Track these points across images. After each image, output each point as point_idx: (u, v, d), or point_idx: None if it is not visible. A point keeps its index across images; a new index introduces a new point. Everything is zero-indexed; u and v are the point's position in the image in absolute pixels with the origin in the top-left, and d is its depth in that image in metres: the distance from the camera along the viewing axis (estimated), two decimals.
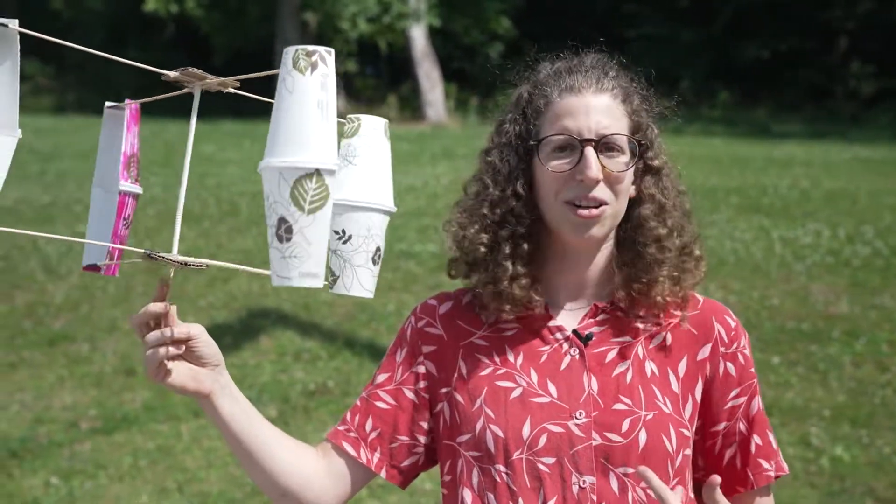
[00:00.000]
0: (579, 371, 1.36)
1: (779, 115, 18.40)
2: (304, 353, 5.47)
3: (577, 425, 1.32)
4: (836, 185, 10.24)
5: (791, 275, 6.73)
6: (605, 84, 1.36)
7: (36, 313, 6.15)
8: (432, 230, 8.08)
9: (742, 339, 1.42)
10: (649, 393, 1.35)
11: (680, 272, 1.38)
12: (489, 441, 1.34)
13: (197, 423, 4.59)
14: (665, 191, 1.40)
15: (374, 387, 1.46)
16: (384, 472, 1.43)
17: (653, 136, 1.40)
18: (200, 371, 1.26)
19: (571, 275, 1.41)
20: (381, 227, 1.23)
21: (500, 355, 1.40)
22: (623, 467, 1.31)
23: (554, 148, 1.35)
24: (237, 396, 1.32)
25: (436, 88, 18.53)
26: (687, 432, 1.36)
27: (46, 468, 4.19)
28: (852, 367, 5.12)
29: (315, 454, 1.43)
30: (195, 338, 1.24)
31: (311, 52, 1.05)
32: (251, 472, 1.38)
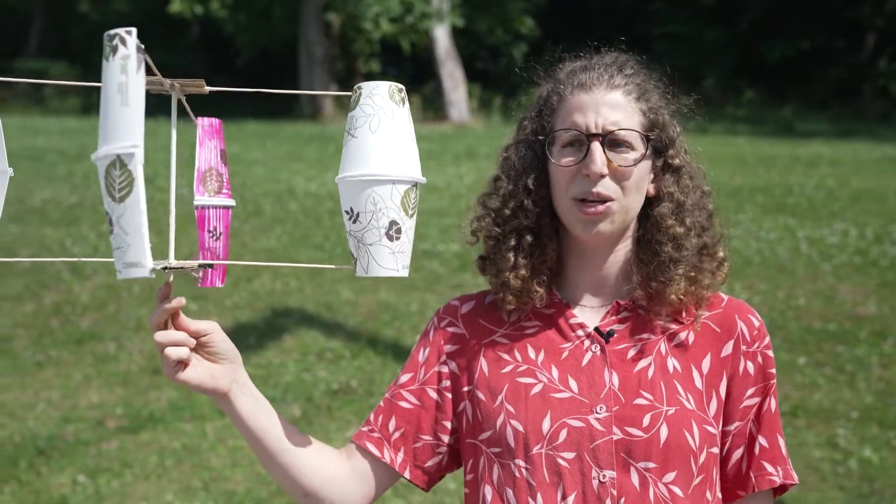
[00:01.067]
0: (600, 367, 1.36)
1: (805, 113, 18.23)
2: (328, 353, 5.49)
3: (598, 420, 1.32)
4: (864, 184, 10.12)
5: (817, 275, 6.67)
6: (617, 81, 1.37)
7: (63, 312, 6.22)
8: (455, 230, 8.08)
9: (765, 339, 1.41)
10: (671, 388, 1.34)
11: (697, 272, 1.37)
12: (509, 436, 1.34)
13: (222, 423, 4.61)
14: (685, 189, 1.39)
15: (397, 387, 1.47)
16: (408, 473, 1.43)
17: (674, 135, 1.40)
18: (217, 368, 1.26)
19: (590, 272, 1.42)
20: (392, 200, 1.17)
21: (521, 352, 1.41)
22: (644, 462, 1.31)
23: (564, 144, 1.36)
24: (256, 395, 1.32)
25: (459, 88, 18.53)
26: (712, 429, 1.35)
27: (73, 466, 4.23)
28: (880, 368, 5.06)
29: (339, 455, 1.43)
30: (209, 334, 1.24)
31: (112, 37, 1.02)
32: (273, 472, 1.38)
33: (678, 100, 1.45)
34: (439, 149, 13.33)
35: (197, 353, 1.24)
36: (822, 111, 18.46)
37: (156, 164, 12.10)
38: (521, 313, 1.43)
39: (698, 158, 1.45)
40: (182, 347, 1.21)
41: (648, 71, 1.42)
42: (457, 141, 14.55)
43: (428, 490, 1.48)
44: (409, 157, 1.19)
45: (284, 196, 9.83)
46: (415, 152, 1.20)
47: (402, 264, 1.20)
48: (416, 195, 1.20)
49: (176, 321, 1.22)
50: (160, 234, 1.43)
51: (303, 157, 12.90)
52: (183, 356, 1.21)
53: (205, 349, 1.25)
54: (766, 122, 17.37)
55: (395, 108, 1.18)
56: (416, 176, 1.19)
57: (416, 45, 19.27)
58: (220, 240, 1.30)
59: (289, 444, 1.35)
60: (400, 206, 1.18)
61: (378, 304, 6.27)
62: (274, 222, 8.59)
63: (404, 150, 1.18)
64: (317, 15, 19.49)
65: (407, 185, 1.18)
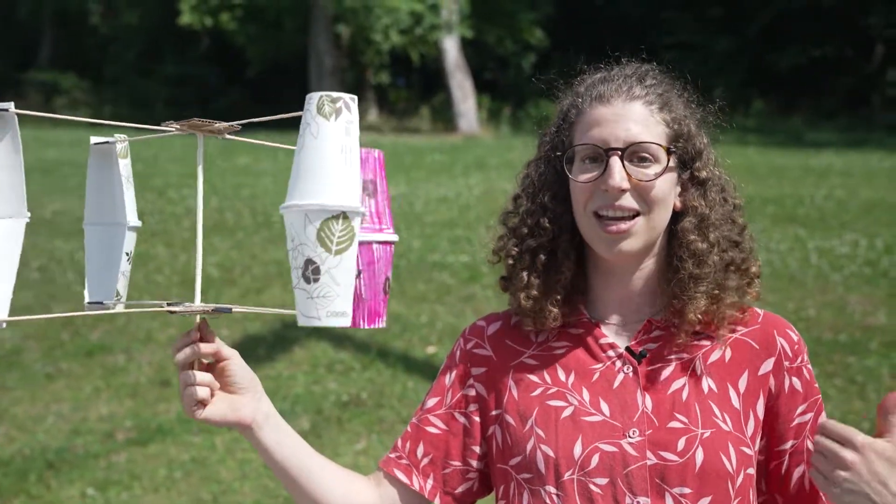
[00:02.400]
0: (633, 389, 1.32)
1: (815, 123, 18.18)
2: (338, 365, 5.49)
3: (631, 444, 1.28)
4: (874, 194, 10.08)
5: (828, 286, 6.64)
6: (637, 92, 1.32)
7: (73, 324, 6.24)
8: (465, 241, 8.08)
9: (805, 353, 1.37)
10: (706, 410, 1.30)
11: (721, 290, 1.32)
12: (539, 462, 1.30)
13: (231, 435, 4.62)
14: (711, 203, 1.34)
15: (423, 412, 1.42)
16: (438, 500, 1.39)
17: (700, 146, 1.35)
18: (237, 399, 1.24)
19: (617, 290, 1.37)
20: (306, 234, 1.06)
21: (550, 374, 1.36)
22: (679, 488, 1.26)
23: (583, 158, 1.32)
24: (280, 425, 1.30)
25: (468, 99, 18.55)
26: (748, 451, 1.30)
27: (83, 479, 4.24)
28: (890, 378, 5.03)
29: (367, 483, 1.39)
30: (227, 360, 1.23)
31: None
32: (299, 501, 1.35)
33: (705, 110, 1.40)
34: (449, 160, 13.34)
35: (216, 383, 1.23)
36: (831, 121, 18.41)
37: (168, 176, 12.16)
38: (548, 333, 1.39)
39: (728, 170, 1.40)
40: (204, 388, 1.20)
41: (672, 80, 1.38)
42: (466, 152, 14.56)
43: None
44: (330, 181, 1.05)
45: None
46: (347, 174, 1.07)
47: (327, 311, 1.08)
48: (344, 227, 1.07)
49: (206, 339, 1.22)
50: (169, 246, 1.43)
51: None
52: (205, 396, 1.20)
53: (223, 377, 1.24)
54: (776, 132, 17.32)
55: (321, 124, 1.06)
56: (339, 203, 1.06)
57: (426, 56, 19.33)
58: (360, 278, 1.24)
59: (316, 474, 1.32)
60: (316, 242, 1.06)
61: (388, 316, 6.26)
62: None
63: (326, 172, 1.05)
64: (327, 26, 19.57)
65: (325, 215, 1.05)
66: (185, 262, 7.75)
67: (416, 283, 6.94)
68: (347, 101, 1.07)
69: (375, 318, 1.25)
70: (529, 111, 18.45)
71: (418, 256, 7.74)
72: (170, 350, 5.96)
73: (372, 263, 1.24)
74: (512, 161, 12.50)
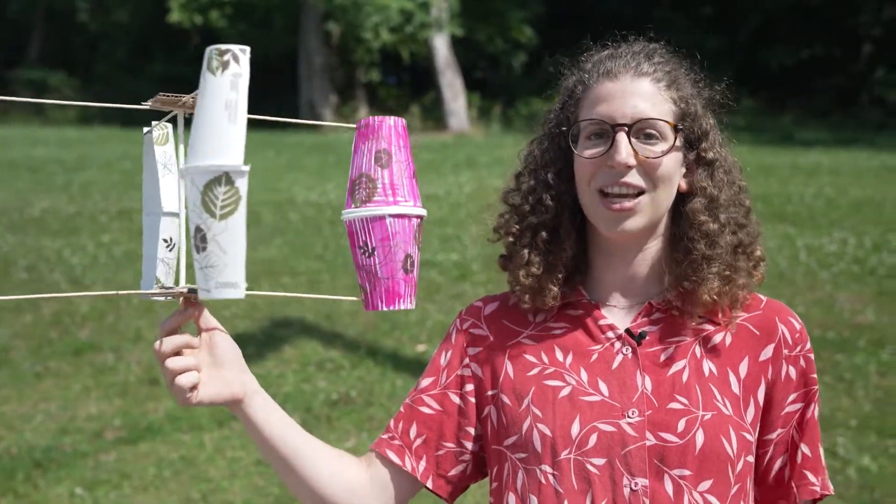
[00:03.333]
0: (632, 370, 1.29)
1: (804, 122, 18.25)
2: (327, 363, 5.48)
3: (630, 424, 1.25)
4: (863, 193, 10.13)
5: (816, 283, 6.67)
6: (646, 68, 1.30)
7: (62, 323, 6.21)
8: (455, 239, 8.08)
9: (807, 342, 1.34)
10: (707, 393, 1.27)
11: (732, 271, 1.30)
12: (536, 441, 1.28)
13: (220, 434, 4.61)
14: (719, 184, 1.32)
15: (418, 392, 1.40)
16: (430, 482, 1.37)
17: (707, 127, 1.34)
18: (226, 375, 1.21)
19: (619, 271, 1.35)
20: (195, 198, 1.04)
21: (548, 354, 1.34)
22: (679, 469, 1.24)
23: (589, 135, 1.30)
24: (268, 401, 1.27)
25: (458, 98, 18.55)
26: (749, 437, 1.28)
27: (71, 478, 4.22)
28: (878, 376, 5.06)
29: (358, 463, 1.37)
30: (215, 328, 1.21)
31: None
32: (288, 480, 1.32)
33: (711, 89, 1.38)
34: (439, 158, 13.34)
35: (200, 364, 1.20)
36: (821, 120, 18.48)
37: None
38: (546, 314, 1.37)
39: (733, 152, 1.39)
40: (192, 372, 1.17)
41: (680, 59, 1.36)
42: (456, 150, 14.56)
43: (451, 501, 1.42)
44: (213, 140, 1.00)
45: (284, 206, 9.83)
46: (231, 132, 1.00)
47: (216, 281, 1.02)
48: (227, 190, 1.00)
49: None
50: None
51: (303, 167, 12.91)
52: (195, 381, 1.18)
53: (208, 350, 1.21)
54: (766, 130, 17.37)
55: (207, 79, 1.01)
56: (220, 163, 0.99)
57: (416, 54, 19.30)
58: (375, 256, 1.18)
59: (304, 452, 1.29)
60: (201, 207, 1.01)
61: (378, 314, 6.26)
62: (274, 232, 8.59)
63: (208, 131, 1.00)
64: (317, 24, 19.54)
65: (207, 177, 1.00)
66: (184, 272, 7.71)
67: None
68: (236, 53, 0.99)
69: (395, 298, 1.17)
70: (520, 109, 18.46)
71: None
72: None
73: (386, 239, 1.16)
74: (502, 159, 12.51)
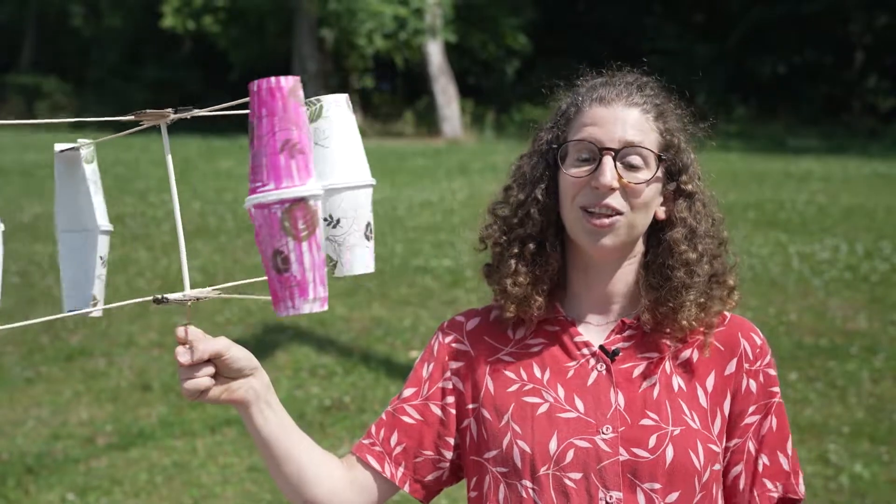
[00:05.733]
0: (606, 386, 1.36)
1: (796, 129, 18.33)
2: (320, 369, 5.47)
3: (605, 440, 1.32)
4: (854, 200, 10.18)
5: (808, 290, 6.69)
6: (637, 99, 1.37)
7: (53, 328, 6.19)
8: (448, 245, 8.09)
9: (767, 357, 1.41)
10: (676, 408, 1.35)
11: (707, 299, 1.37)
12: (516, 457, 1.34)
13: (213, 439, 4.59)
14: (697, 216, 1.39)
15: (400, 401, 1.46)
16: (407, 487, 1.43)
17: (688, 161, 1.40)
18: (231, 385, 1.25)
19: (597, 289, 1.41)
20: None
21: (526, 371, 1.40)
22: (650, 483, 1.31)
23: (576, 155, 1.36)
24: (271, 402, 1.31)
25: (452, 104, 18.58)
26: (716, 448, 1.35)
27: (62, 484, 4.20)
28: (871, 383, 5.07)
29: (341, 465, 1.43)
30: (223, 357, 1.22)
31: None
32: (277, 479, 1.38)
33: (696, 126, 1.45)
34: (432, 164, 13.35)
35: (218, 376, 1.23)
36: (812, 127, 18.56)
37: (148, 179, 12.09)
38: (526, 330, 1.43)
39: (710, 175, 1.45)
40: (204, 378, 1.20)
41: (668, 94, 1.43)
42: (450, 156, 14.58)
43: (427, 503, 1.48)
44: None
45: None
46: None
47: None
48: None
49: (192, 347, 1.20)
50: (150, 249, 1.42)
51: None
52: (209, 385, 1.21)
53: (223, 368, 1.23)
54: (758, 137, 17.45)
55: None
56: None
57: (410, 60, 19.34)
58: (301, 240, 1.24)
59: (294, 455, 1.35)
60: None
61: (371, 320, 6.26)
62: None
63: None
64: (310, 30, 19.55)
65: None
66: (166, 266, 7.71)
67: (398, 287, 6.94)
68: None
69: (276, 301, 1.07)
70: (513, 116, 18.50)
71: (401, 260, 7.73)
72: (151, 353, 5.88)
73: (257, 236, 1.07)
74: (495, 165, 12.52)
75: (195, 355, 1.19)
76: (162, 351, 5.77)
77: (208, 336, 1.22)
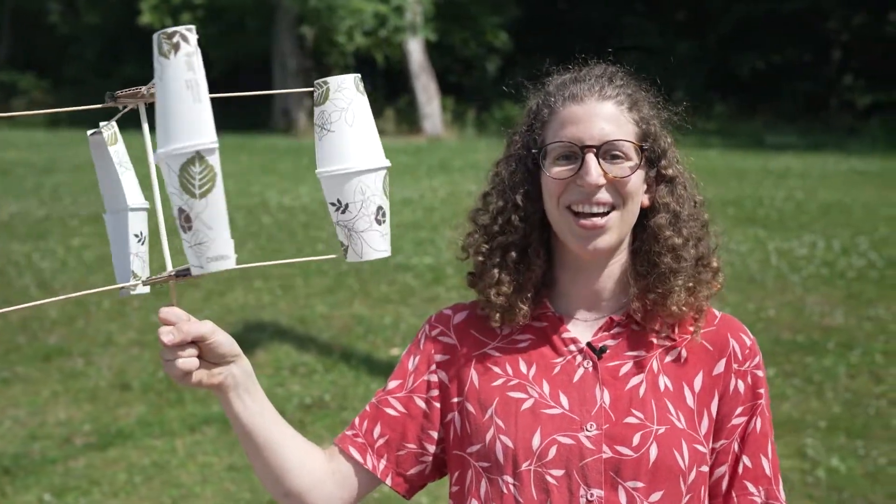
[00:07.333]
0: (592, 383, 1.35)
1: (775, 126, 18.45)
2: (301, 367, 5.46)
3: (588, 437, 1.31)
4: (832, 196, 10.26)
5: (787, 286, 6.74)
6: (609, 92, 1.36)
7: (30, 328, 6.13)
8: (429, 243, 8.08)
9: (756, 358, 1.40)
10: (662, 407, 1.34)
11: (695, 283, 1.37)
12: (498, 452, 1.33)
13: (192, 439, 4.57)
14: (680, 200, 1.39)
15: (384, 393, 1.45)
16: (389, 480, 1.42)
17: (665, 145, 1.40)
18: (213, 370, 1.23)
19: (585, 286, 1.40)
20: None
21: (512, 366, 1.39)
22: (633, 482, 1.30)
23: (557, 156, 1.35)
24: (252, 390, 1.29)
25: (433, 101, 18.57)
26: (702, 448, 1.34)
27: (40, 485, 4.17)
28: (847, 378, 5.12)
29: (323, 457, 1.42)
30: (207, 339, 1.20)
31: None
32: (257, 469, 1.36)
33: (667, 110, 1.44)
34: (413, 162, 13.34)
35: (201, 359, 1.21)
36: (791, 124, 18.69)
37: None
38: (513, 326, 1.42)
39: (690, 168, 1.45)
40: (192, 359, 1.19)
41: (638, 81, 1.42)
42: (431, 154, 14.57)
43: (409, 498, 1.47)
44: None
45: (257, 209, 9.78)
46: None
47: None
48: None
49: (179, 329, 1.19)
50: None
51: (276, 171, 12.86)
52: (194, 367, 1.19)
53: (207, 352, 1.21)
54: (738, 134, 17.55)
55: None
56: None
57: (390, 58, 19.30)
58: None
59: (276, 444, 1.33)
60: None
61: (352, 318, 6.25)
62: (247, 236, 8.54)
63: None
64: (290, 28, 19.47)
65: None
66: None
67: (379, 284, 6.93)
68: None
69: None
70: (494, 113, 18.50)
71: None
72: (130, 352, 5.82)
73: None
74: (476, 163, 12.53)
75: (179, 336, 1.17)
76: (141, 350, 5.73)
77: (193, 318, 1.21)
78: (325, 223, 8.82)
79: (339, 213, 1.22)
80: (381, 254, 1.23)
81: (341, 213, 1.22)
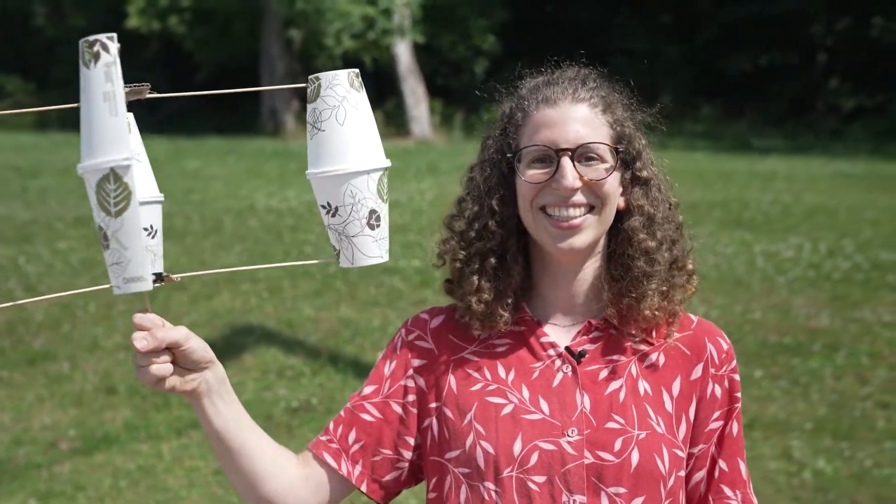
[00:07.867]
0: (572, 388, 1.34)
1: (761, 129, 18.53)
2: (288, 370, 5.44)
3: (570, 443, 1.31)
4: (818, 199, 10.31)
5: (773, 289, 6.77)
6: (582, 94, 1.35)
7: (16, 332, 6.10)
8: (417, 246, 8.08)
9: (732, 362, 1.41)
10: (642, 412, 1.33)
11: (669, 287, 1.36)
12: (479, 458, 1.32)
13: (178, 443, 4.55)
14: (654, 202, 1.38)
15: (360, 398, 1.43)
16: (364, 486, 1.40)
17: (640, 147, 1.39)
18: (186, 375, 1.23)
19: (562, 289, 1.40)
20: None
21: (491, 371, 1.38)
22: (615, 487, 1.29)
23: (532, 160, 1.34)
24: (225, 396, 1.29)
25: (421, 104, 18.56)
26: (680, 453, 1.34)
27: (24, 490, 4.14)
28: (833, 380, 5.14)
29: (296, 462, 1.40)
30: (181, 345, 1.20)
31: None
32: (230, 474, 1.35)
33: (641, 112, 1.43)
34: (401, 164, 13.33)
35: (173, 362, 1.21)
36: (777, 127, 18.77)
37: None
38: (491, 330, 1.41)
39: (664, 170, 1.44)
40: (166, 365, 1.18)
41: (611, 83, 1.41)
42: (419, 156, 14.57)
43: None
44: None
45: (245, 212, 9.75)
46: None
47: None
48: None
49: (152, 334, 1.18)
50: None
51: (263, 174, 12.83)
52: (168, 373, 1.19)
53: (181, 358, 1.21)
54: (724, 137, 17.62)
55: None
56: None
57: (378, 61, 19.27)
58: None
59: (249, 450, 1.32)
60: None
61: (339, 321, 6.24)
62: (234, 239, 8.51)
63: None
64: (278, 31, 19.43)
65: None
66: None
67: (367, 287, 6.92)
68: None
69: None
70: (482, 116, 18.51)
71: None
72: (116, 356, 5.80)
73: None
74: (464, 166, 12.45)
75: (153, 343, 1.16)
76: (127, 354, 5.70)
77: (168, 324, 1.20)
78: (312, 226, 8.80)
79: (330, 216, 1.18)
80: (375, 260, 1.19)
81: (331, 216, 1.18)
